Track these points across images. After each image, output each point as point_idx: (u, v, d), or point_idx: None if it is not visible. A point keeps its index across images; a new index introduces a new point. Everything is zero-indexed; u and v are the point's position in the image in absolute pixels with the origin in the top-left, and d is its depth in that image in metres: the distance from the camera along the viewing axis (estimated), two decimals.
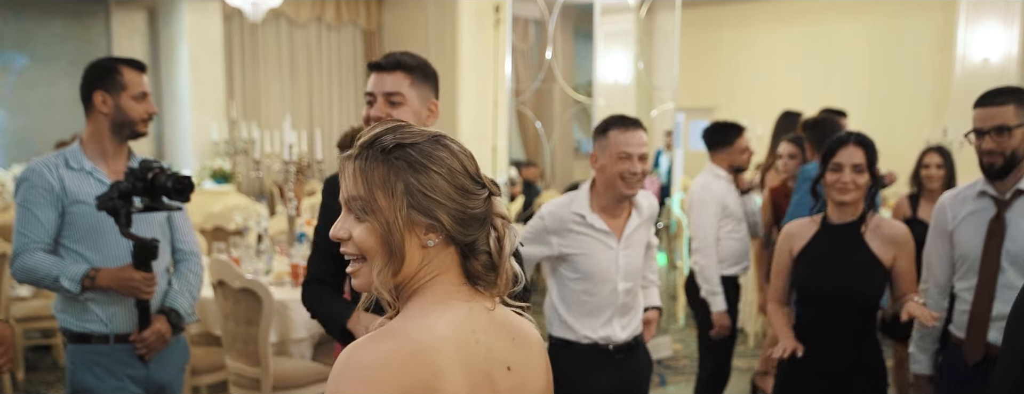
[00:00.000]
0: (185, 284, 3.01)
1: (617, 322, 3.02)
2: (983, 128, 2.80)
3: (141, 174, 2.69)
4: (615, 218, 3.01)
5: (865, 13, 9.82)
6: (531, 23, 7.52)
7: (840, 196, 2.90)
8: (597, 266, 2.97)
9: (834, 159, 2.90)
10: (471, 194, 1.25)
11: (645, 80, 7.17)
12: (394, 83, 2.35)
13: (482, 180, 1.28)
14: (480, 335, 1.27)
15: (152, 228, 2.88)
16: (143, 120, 2.90)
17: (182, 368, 3.06)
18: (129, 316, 2.82)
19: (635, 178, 2.91)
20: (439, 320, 1.25)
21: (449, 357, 1.22)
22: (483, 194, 1.27)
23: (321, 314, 2.40)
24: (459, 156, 1.26)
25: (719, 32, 11.12)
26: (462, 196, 1.24)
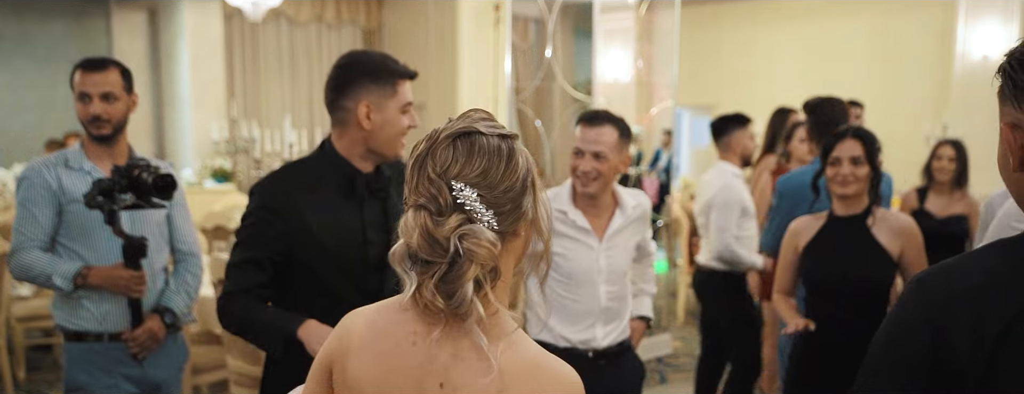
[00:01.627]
0: (182, 284, 3.02)
1: (600, 328, 2.90)
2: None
3: (126, 172, 2.70)
4: (597, 217, 2.91)
5: (865, 10, 9.82)
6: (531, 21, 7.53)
7: (841, 189, 2.92)
8: (578, 267, 2.87)
9: (832, 154, 2.92)
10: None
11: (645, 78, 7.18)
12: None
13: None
14: (419, 339, 1.24)
15: (150, 227, 2.89)
16: (88, 121, 2.82)
17: (180, 367, 3.07)
18: (122, 314, 2.84)
19: (587, 176, 2.80)
20: (381, 310, 1.29)
21: (363, 342, 1.28)
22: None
23: (260, 322, 2.15)
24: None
25: (719, 30, 11.12)
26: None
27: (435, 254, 1.18)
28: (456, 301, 1.18)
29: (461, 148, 1.21)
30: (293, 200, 2.20)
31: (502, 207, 1.21)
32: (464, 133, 1.22)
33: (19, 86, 9.33)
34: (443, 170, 1.19)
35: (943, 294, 1.16)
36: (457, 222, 1.18)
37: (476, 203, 1.19)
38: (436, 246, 1.18)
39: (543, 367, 1.23)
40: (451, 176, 1.19)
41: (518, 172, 1.23)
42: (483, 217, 1.19)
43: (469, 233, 1.18)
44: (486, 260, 1.18)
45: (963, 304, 1.13)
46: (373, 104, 2.24)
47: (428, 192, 1.19)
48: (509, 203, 1.22)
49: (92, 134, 2.84)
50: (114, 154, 2.90)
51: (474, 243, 1.17)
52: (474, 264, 1.17)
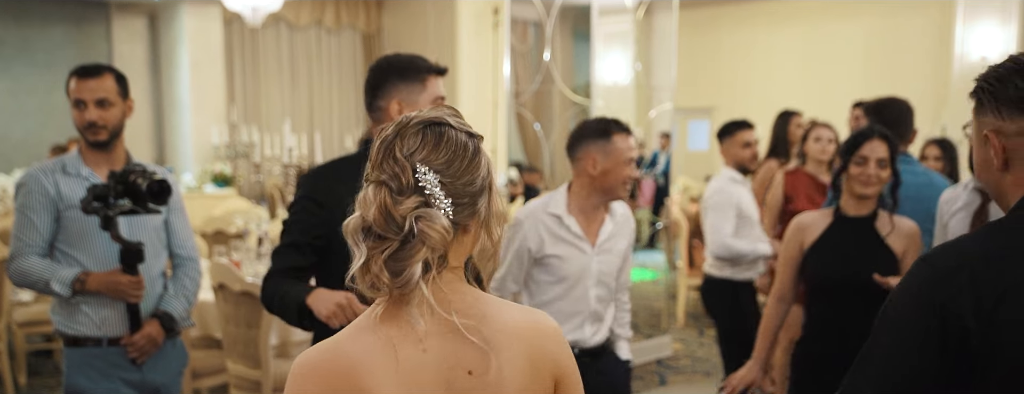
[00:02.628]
0: (181, 289, 3.03)
1: (588, 327, 2.97)
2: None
3: (122, 177, 2.72)
4: (589, 223, 2.97)
5: (863, 13, 9.83)
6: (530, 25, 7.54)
7: (863, 189, 2.90)
8: (572, 270, 2.93)
9: (860, 152, 2.89)
10: None
11: (643, 81, 7.18)
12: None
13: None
14: (427, 344, 1.25)
15: (147, 232, 2.90)
16: (83, 127, 2.83)
17: (179, 372, 3.08)
18: (121, 319, 2.85)
19: (632, 182, 2.95)
20: (378, 327, 1.25)
21: (379, 369, 1.22)
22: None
23: (281, 296, 2.26)
24: None
25: (717, 33, 11.13)
26: None
27: (389, 231, 1.20)
28: (402, 279, 1.20)
29: (429, 136, 1.25)
30: (335, 192, 2.29)
31: (460, 199, 1.24)
32: (435, 123, 1.26)
33: (20, 92, 9.35)
34: (409, 153, 1.23)
35: (948, 269, 1.39)
36: (415, 203, 1.21)
37: (437, 189, 1.22)
38: (391, 223, 1.20)
39: (536, 321, 1.34)
40: (417, 159, 1.23)
41: (479, 170, 1.27)
42: (441, 204, 1.22)
43: (425, 215, 1.20)
44: (437, 244, 1.21)
45: (966, 277, 1.36)
46: (404, 100, 2.37)
47: (392, 170, 1.22)
48: (467, 197, 1.25)
49: (88, 140, 2.85)
50: (111, 160, 2.91)
51: (428, 226, 1.20)
52: (425, 246, 1.20)
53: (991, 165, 1.49)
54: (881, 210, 2.97)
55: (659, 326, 6.65)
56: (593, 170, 2.90)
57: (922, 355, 1.39)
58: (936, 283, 1.39)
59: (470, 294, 1.29)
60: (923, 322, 1.39)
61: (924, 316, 1.39)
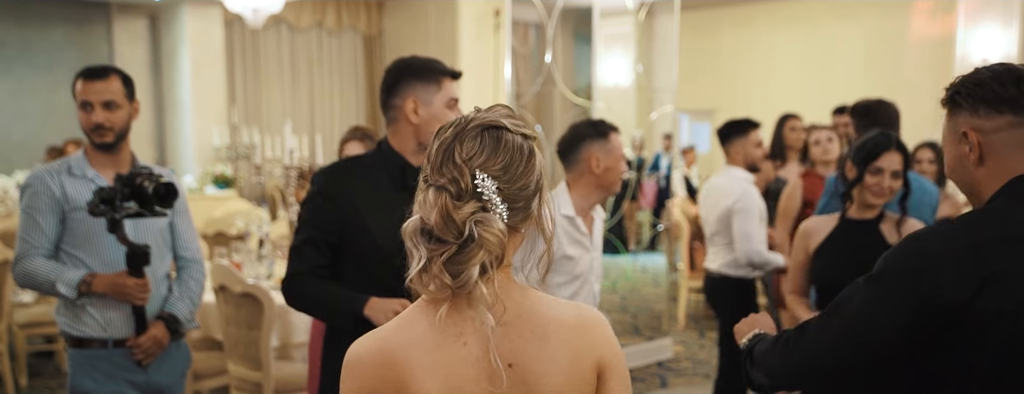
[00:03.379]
0: (185, 290, 3.03)
1: None
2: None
3: (128, 180, 2.72)
4: (587, 221, 3.13)
5: (864, 15, 9.83)
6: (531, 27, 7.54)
7: (876, 199, 2.92)
8: (583, 268, 3.06)
9: (876, 163, 2.90)
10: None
11: (645, 83, 7.19)
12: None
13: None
14: (468, 337, 1.29)
15: (152, 234, 2.90)
16: (90, 129, 2.83)
17: (183, 373, 3.08)
18: (126, 321, 2.85)
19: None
20: (421, 321, 1.31)
21: (422, 362, 1.28)
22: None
23: (327, 301, 2.32)
24: None
25: (718, 34, 11.14)
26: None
27: (448, 234, 1.24)
28: (461, 280, 1.24)
29: (488, 140, 1.28)
30: (347, 189, 2.35)
31: (515, 203, 1.28)
32: (493, 126, 1.29)
33: (21, 93, 9.35)
34: (468, 158, 1.26)
35: (935, 251, 1.56)
36: (473, 208, 1.25)
37: (494, 195, 1.26)
38: (451, 226, 1.24)
39: (580, 314, 1.35)
40: (475, 165, 1.26)
41: (535, 173, 1.31)
42: (497, 208, 1.26)
43: (484, 220, 1.24)
44: (494, 248, 1.25)
45: (953, 262, 1.54)
46: (419, 99, 2.39)
47: (451, 175, 1.26)
48: (522, 200, 1.29)
49: (95, 142, 2.85)
50: (117, 161, 2.91)
51: (487, 230, 1.24)
52: (483, 250, 1.24)
53: (966, 161, 1.67)
54: (887, 211, 2.98)
55: (660, 328, 6.64)
56: (596, 169, 3.04)
57: (894, 318, 1.57)
58: (921, 261, 1.56)
59: (517, 290, 1.33)
60: (900, 293, 1.57)
61: (903, 287, 1.57)
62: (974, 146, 1.65)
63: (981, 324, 1.52)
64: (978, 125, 1.64)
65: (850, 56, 9.99)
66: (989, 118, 1.63)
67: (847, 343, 1.64)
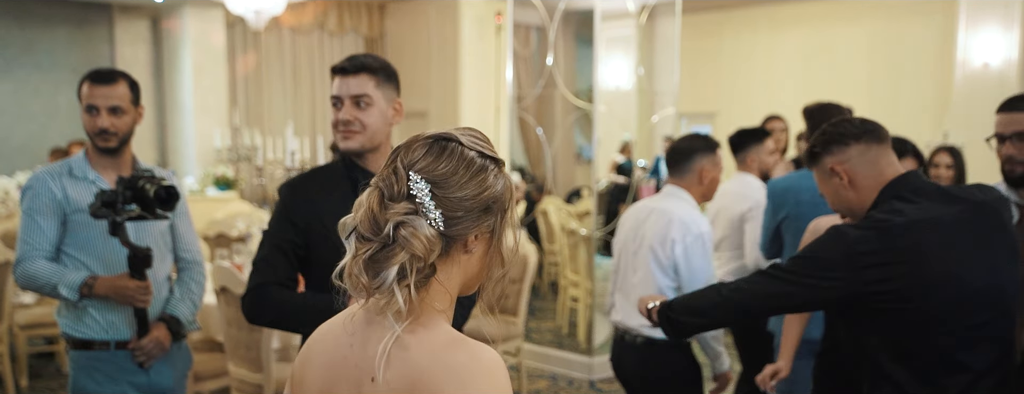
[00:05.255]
0: (186, 292, 3.04)
1: None
2: (1004, 133, 2.73)
3: (130, 183, 2.72)
4: None
5: (866, 18, 9.83)
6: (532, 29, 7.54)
7: None
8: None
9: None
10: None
11: (646, 86, 7.19)
12: (359, 85, 2.34)
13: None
14: (356, 341, 1.30)
15: (153, 237, 2.91)
16: (94, 133, 2.84)
17: (184, 375, 3.08)
18: (128, 323, 2.85)
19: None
20: (334, 321, 1.37)
21: (317, 352, 1.36)
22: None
23: (296, 311, 2.25)
24: None
25: (719, 38, 11.13)
26: None
27: (371, 233, 1.23)
28: (378, 281, 1.22)
29: (434, 149, 1.27)
30: (310, 199, 2.34)
31: (453, 212, 1.25)
32: (443, 138, 1.28)
33: (22, 94, 9.36)
34: (409, 163, 1.25)
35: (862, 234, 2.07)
36: (404, 209, 1.23)
37: (426, 198, 1.23)
38: (374, 226, 1.23)
39: (458, 345, 1.24)
40: (415, 168, 1.25)
41: (484, 188, 1.27)
42: (430, 214, 1.23)
43: (407, 222, 1.22)
44: (418, 251, 1.22)
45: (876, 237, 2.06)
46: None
47: (388, 177, 1.26)
48: (462, 211, 1.25)
49: (99, 146, 2.86)
50: (118, 164, 2.91)
51: (410, 233, 1.22)
52: (404, 251, 1.22)
53: (842, 190, 2.21)
54: None
55: None
56: (704, 180, 3.31)
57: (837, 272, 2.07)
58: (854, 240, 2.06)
59: (429, 314, 1.27)
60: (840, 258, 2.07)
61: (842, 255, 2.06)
62: (842, 175, 2.19)
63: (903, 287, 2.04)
64: (837, 160, 2.20)
65: (851, 59, 9.98)
66: (842, 151, 2.19)
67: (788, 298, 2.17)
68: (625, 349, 3.39)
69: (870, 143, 2.18)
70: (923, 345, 2.09)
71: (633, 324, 3.32)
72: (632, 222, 3.43)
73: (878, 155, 2.18)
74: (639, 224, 3.37)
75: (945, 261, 2.05)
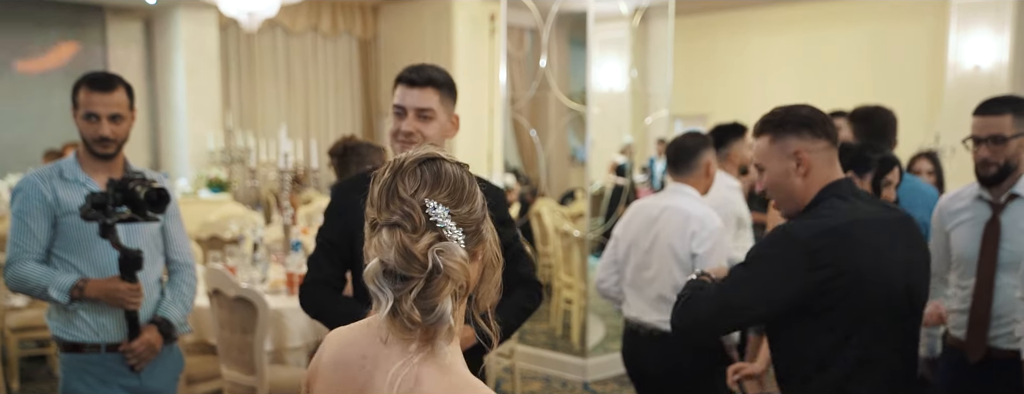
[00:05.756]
0: (178, 295, 3.03)
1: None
2: (980, 136, 2.85)
3: (121, 185, 2.71)
4: None
5: (858, 20, 9.86)
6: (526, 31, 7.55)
7: None
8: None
9: (888, 177, 3.03)
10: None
11: (639, 88, 7.20)
12: (425, 99, 2.38)
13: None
14: (367, 363, 1.30)
15: (144, 239, 2.90)
16: (94, 140, 2.82)
17: (175, 377, 3.08)
18: (119, 326, 2.84)
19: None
20: (354, 329, 1.37)
21: (328, 362, 1.37)
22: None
23: (334, 311, 2.40)
24: None
25: (713, 40, 11.16)
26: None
27: (413, 270, 1.20)
28: (434, 316, 1.21)
29: (428, 173, 1.25)
30: (352, 202, 2.35)
31: (468, 228, 1.25)
32: (429, 159, 1.27)
33: (15, 96, 9.33)
34: (414, 191, 1.23)
35: (813, 232, 2.13)
36: (432, 239, 1.21)
37: (448, 220, 1.23)
38: (413, 262, 1.20)
39: (465, 388, 1.24)
40: (423, 196, 1.23)
41: (477, 198, 1.29)
42: (454, 235, 1.23)
43: (445, 249, 1.21)
44: (460, 277, 1.22)
45: (826, 238, 2.12)
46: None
47: (401, 211, 1.22)
48: (473, 225, 1.26)
49: (97, 153, 2.85)
50: (110, 166, 2.90)
51: (450, 259, 1.21)
52: (450, 280, 1.21)
53: (794, 176, 2.23)
54: None
55: None
56: (710, 174, 3.50)
57: (792, 276, 2.12)
58: (799, 245, 2.13)
59: (440, 343, 1.26)
60: (795, 259, 2.12)
61: (797, 256, 2.12)
62: (803, 162, 2.21)
63: (843, 283, 2.11)
64: (806, 147, 2.22)
65: (843, 62, 10.01)
66: (813, 141, 2.22)
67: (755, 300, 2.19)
68: (640, 343, 3.44)
69: (832, 145, 2.26)
70: (845, 344, 2.16)
71: (648, 320, 3.40)
72: (642, 219, 3.49)
73: (833, 156, 2.26)
74: (651, 221, 3.44)
75: (878, 260, 2.15)
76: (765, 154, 2.27)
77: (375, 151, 3.97)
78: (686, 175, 3.47)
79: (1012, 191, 2.86)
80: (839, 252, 2.11)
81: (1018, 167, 2.85)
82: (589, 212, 6.35)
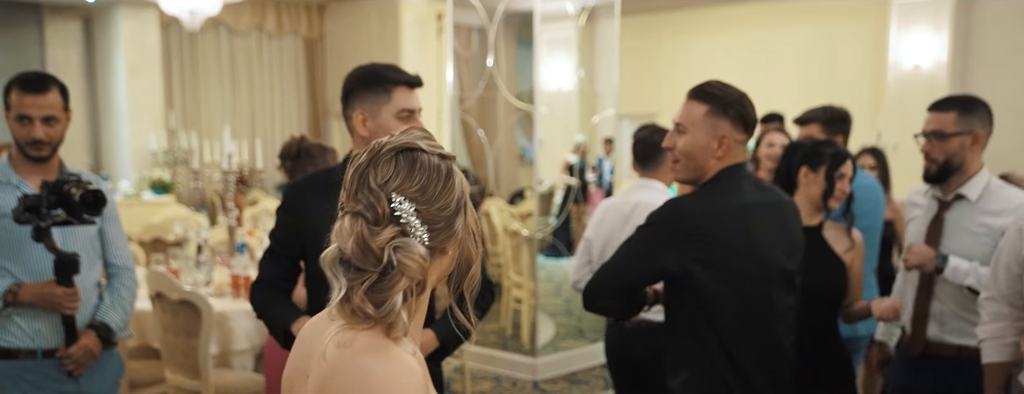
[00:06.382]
0: (117, 298, 2.96)
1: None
2: (924, 132, 2.91)
3: (55, 188, 2.64)
4: None
5: (800, 20, 10.02)
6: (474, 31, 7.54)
7: (837, 204, 3.02)
8: None
9: (840, 170, 3.01)
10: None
11: (587, 87, 7.23)
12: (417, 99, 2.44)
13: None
14: (318, 335, 1.30)
15: (81, 242, 2.83)
16: (27, 143, 2.74)
17: (116, 383, 3.01)
18: (56, 331, 2.77)
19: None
20: (318, 318, 1.36)
21: (295, 346, 1.38)
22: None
23: (268, 315, 2.42)
24: None
25: (658, 39, 11.25)
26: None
27: (367, 262, 1.20)
28: (384, 310, 1.20)
29: (403, 163, 1.24)
30: (306, 203, 2.36)
31: (435, 224, 1.24)
32: (407, 148, 1.25)
33: None
34: (384, 182, 1.22)
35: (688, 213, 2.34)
36: (392, 234, 1.21)
37: (412, 217, 1.22)
38: (369, 255, 1.20)
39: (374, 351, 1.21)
40: (391, 189, 1.22)
41: (454, 192, 1.27)
42: (417, 232, 1.22)
43: (403, 246, 1.20)
44: (416, 274, 1.21)
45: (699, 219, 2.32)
46: (367, 111, 2.34)
47: (367, 200, 1.21)
48: (443, 221, 1.25)
49: (31, 155, 2.77)
50: (45, 169, 2.83)
51: (407, 256, 1.20)
52: (405, 277, 1.20)
53: (710, 152, 2.37)
54: (829, 221, 3.06)
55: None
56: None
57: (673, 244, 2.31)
58: (678, 222, 2.33)
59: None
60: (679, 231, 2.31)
61: (679, 228, 2.31)
62: (723, 145, 2.36)
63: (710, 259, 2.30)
64: (734, 136, 2.37)
65: (787, 61, 10.16)
66: (740, 133, 2.38)
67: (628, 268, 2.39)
68: (626, 333, 3.46)
69: (748, 138, 2.43)
70: (724, 323, 2.34)
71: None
72: (615, 217, 3.49)
73: (744, 149, 2.45)
74: (624, 218, 3.42)
75: (755, 240, 2.34)
76: (696, 122, 2.40)
77: (328, 152, 3.93)
78: (653, 170, 3.50)
79: (959, 191, 2.92)
80: (718, 229, 2.30)
81: (962, 167, 2.90)
82: (537, 211, 6.36)
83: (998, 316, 2.61)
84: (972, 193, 2.90)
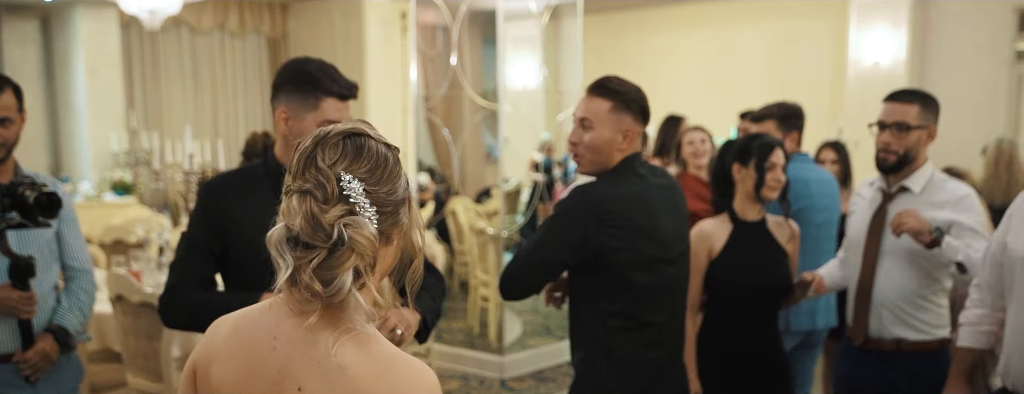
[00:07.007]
0: (75, 302, 2.92)
1: None
2: (885, 122, 2.94)
3: (9, 190, 2.59)
4: None
5: (762, 18, 10.10)
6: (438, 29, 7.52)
7: (773, 194, 3.02)
8: None
9: (770, 159, 3.00)
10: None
11: (551, 86, 7.25)
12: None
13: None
14: (280, 344, 1.26)
15: (38, 245, 2.78)
16: None
17: (74, 387, 2.97)
18: (12, 335, 2.72)
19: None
20: (247, 314, 1.32)
21: (232, 348, 1.29)
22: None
23: (218, 309, 2.20)
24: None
25: (621, 37, 11.29)
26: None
27: (317, 239, 1.19)
28: (333, 288, 1.19)
29: (350, 146, 1.25)
30: (226, 201, 2.28)
31: (384, 208, 1.24)
32: (354, 133, 1.26)
33: None
34: (332, 163, 1.22)
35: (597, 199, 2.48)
36: (342, 211, 1.21)
37: (362, 197, 1.22)
38: (319, 231, 1.19)
39: (393, 364, 1.24)
40: (340, 169, 1.22)
41: (400, 179, 1.28)
42: (366, 212, 1.22)
43: (353, 223, 1.20)
44: (366, 251, 1.21)
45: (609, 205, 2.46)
46: (291, 112, 2.26)
47: (315, 179, 1.21)
48: (390, 206, 1.25)
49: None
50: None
51: (357, 232, 1.20)
52: (355, 253, 1.20)
53: (614, 146, 2.51)
54: (769, 214, 3.09)
55: None
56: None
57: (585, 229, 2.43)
58: (590, 207, 2.45)
59: (356, 320, 1.26)
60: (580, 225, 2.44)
61: (581, 221, 2.44)
62: (627, 139, 2.51)
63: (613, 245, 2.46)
64: (636, 129, 2.54)
65: (749, 59, 10.24)
66: (640, 125, 2.54)
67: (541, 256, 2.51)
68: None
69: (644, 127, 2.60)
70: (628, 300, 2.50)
71: None
72: None
73: (640, 136, 2.59)
74: None
75: (654, 222, 2.51)
76: (601, 118, 2.51)
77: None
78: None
79: (902, 184, 2.97)
80: (623, 213, 2.45)
81: (915, 161, 2.95)
82: (504, 210, 6.37)
83: (980, 303, 2.64)
84: (916, 185, 2.95)
